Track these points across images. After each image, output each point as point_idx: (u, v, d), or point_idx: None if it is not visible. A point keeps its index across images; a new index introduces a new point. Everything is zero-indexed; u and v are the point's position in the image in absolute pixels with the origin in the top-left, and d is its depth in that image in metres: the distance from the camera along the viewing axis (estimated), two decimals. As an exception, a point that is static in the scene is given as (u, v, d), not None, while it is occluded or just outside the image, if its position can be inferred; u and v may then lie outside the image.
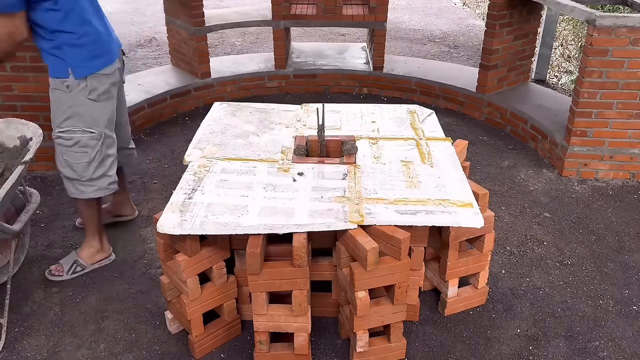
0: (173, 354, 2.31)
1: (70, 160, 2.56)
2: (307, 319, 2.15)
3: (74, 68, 2.43)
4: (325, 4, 4.72)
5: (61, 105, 2.50)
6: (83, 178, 2.58)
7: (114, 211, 3.12)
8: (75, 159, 2.56)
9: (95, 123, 2.54)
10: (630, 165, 3.67)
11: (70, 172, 2.58)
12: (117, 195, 3.05)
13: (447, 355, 2.32)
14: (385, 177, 2.38)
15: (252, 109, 2.98)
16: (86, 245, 2.76)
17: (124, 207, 3.12)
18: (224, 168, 2.42)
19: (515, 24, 4.30)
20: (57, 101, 2.51)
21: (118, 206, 3.11)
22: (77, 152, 2.55)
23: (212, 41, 6.73)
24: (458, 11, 8.67)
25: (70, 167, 2.57)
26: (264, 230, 2.04)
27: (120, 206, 3.11)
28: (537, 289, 2.70)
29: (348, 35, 7.19)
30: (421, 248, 2.29)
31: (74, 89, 2.46)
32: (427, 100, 4.85)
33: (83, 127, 2.52)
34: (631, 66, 3.40)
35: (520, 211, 3.33)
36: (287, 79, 5.03)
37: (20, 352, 2.32)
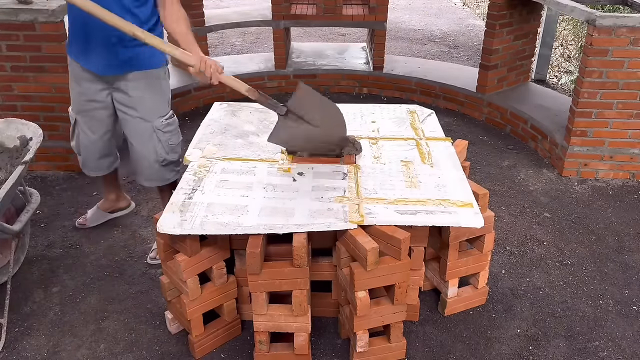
0: (173, 354, 2.31)
1: (175, 142, 2.68)
2: (307, 319, 2.15)
3: (166, 55, 2.53)
4: (325, 4, 4.72)
5: (165, 93, 2.64)
6: (181, 157, 2.68)
7: (110, 207, 3.12)
8: (177, 140, 2.71)
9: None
10: (630, 165, 3.67)
11: (175, 155, 2.70)
12: (112, 192, 3.07)
13: (447, 355, 2.32)
14: (385, 177, 2.38)
15: (252, 109, 2.98)
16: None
17: (118, 201, 3.14)
18: (224, 168, 2.42)
19: (515, 24, 4.30)
20: (162, 90, 2.62)
21: (113, 202, 3.12)
22: (177, 134, 2.70)
23: (212, 41, 6.73)
24: (458, 11, 8.67)
25: (173, 151, 2.69)
26: (264, 230, 2.04)
27: (115, 201, 3.13)
28: (537, 289, 2.70)
29: (348, 35, 7.19)
30: (421, 248, 2.29)
31: (168, 75, 2.66)
32: (427, 100, 4.85)
33: (172, 110, 2.69)
34: (631, 66, 3.40)
35: (520, 211, 3.33)
36: (287, 79, 5.03)
37: (20, 352, 2.32)
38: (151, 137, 2.60)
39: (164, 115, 2.61)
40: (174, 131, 2.67)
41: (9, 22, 3.18)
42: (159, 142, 2.61)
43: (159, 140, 2.61)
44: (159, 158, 2.64)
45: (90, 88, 2.56)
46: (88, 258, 2.86)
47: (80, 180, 3.54)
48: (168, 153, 2.66)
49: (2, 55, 3.30)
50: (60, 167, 3.64)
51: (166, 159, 2.66)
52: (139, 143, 2.62)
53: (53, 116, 3.47)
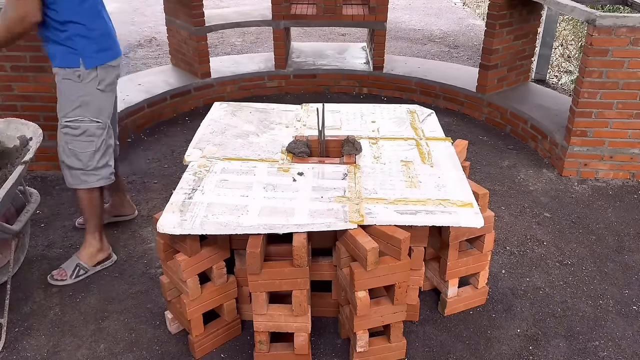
0: (173, 354, 2.31)
1: (77, 149, 2.58)
2: (307, 319, 2.15)
3: (84, 58, 2.48)
4: (325, 4, 4.72)
5: (71, 94, 2.53)
6: (88, 167, 2.61)
7: (114, 211, 3.12)
8: (81, 148, 2.58)
9: (102, 113, 2.60)
10: (630, 165, 3.67)
11: (76, 161, 2.60)
12: (116, 196, 3.07)
13: (447, 355, 2.32)
14: (385, 177, 2.38)
15: (252, 109, 2.98)
16: (86, 246, 2.75)
17: (123, 207, 3.13)
18: (224, 168, 2.42)
19: (515, 23, 4.30)
20: (66, 91, 2.53)
21: (117, 206, 3.11)
22: (83, 142, 2.58)
23: (212, 41, 6.73)
24: (458, 11, 8.67)
25: (75, 157, 2.59)
26: (264, 230, 2.04)
27: (120, 206, 3.12)
28: (537, 288, 2.70)
29: (348, 35, 7.19)
30: (421, 248, 2.29)
31: (85, 78, 2.51)
32: (427, 100, 4.85)
33: (90, 117, 2.57)
34: (631, 66, 3.40)
35: (520, 211, 3.33)
36: (287, 79, 5.03)
37: (20, 352, 2.32)
38: (58, 135, 2.59)
39: (67, 118, 2.54)
40: (79, 137, 2.56)
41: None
42: (60, 141, 2.60)
43: (60, 139, 2.60)
44: (61, 158, 2.63)
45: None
46: (88, 258, 2.86)
47: (80, 180, 3.54)
48: (68, 156, 2.59)
49: (2, 55, 3.30)
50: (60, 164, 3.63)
51: (63, 161, 2.62)
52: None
53: (53, 116, 3.43)
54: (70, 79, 2.50)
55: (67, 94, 2.53)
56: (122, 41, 6.71)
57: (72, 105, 2.53)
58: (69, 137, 2.57)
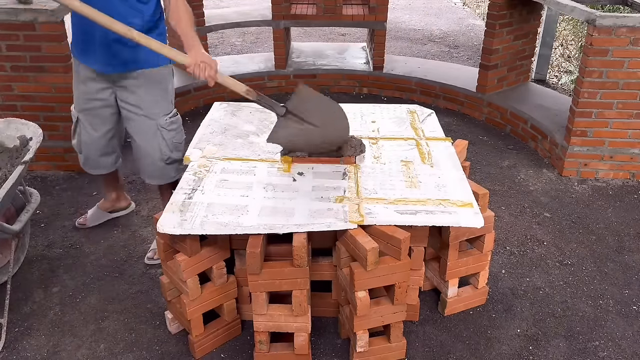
0: (173, 354, 2.31)
1: (178, 141, 2.69)
2: (307, 319, 2.15)
3: None
4: (325, 3, 4.72)
5: (169, 92, 2.64)
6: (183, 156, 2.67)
7: (111, 207, 3.12)
8: (181, 139, 2.71)
9: None
10: (630, 165, 3.67)
11: (178, 153, 2.69)
12: (114, 191, 3.07)
13: (447, 355, 2.32)
14: (385, 177, 2.38)
15: (252, 109, 2.98)
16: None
17: (118, 201, 3.14)
18: (224, 168, 2.42)
19: (515, 23, 4.30)
20: (166, 89, 2.62)
21: (114, 202, 3.12)
22: (181, 132, 2.71)
23: (212, 41, 6.73)
24: (458, 11, 8.67)
25: (177, 149, 2.69)
26: (264, 230, 2.04)
27: (116, 201, 3.13)
28: (537, 289, 2.70)
29: (348, 35, 7.19)
30: (421, 248, 2.29)
31: (172, 73, 2.66)
32: (427, 100, 4.85)
33: (175, 109, 2.69)
34: (631, 66, 3.40)
35: (520, 211, 3.33)
36: (287, 79, 5.03)
37: (20, 352, 2.32)
38: (155, 135, 2.60)
39: (168, 114, 2.61)
40: (178, 129, 2.68)
41: (9, 22, 3.18)
42: (163, 140, 2.62)
43: (163, 139, 2.62)
44: (164, 156, 2.65)
45: (93, 87, 2.57)
46: (88, 258, 2.86)
47: (80, 180, 3.54)
48: (172, 151, 2.66)
49: (2, 55, 3.30)
50: (60, 167, 3.64)
51: (170, 157, 2.67)
52: (143, 141, 2.63)
53: (53, 116, 3.47)
54: (169, 78, 2.61)
55: (167, 91, 2.62)
56: (122, 41, 6.71)
57: (169, 102, 2.64)
58: (174, 133, 2.65)
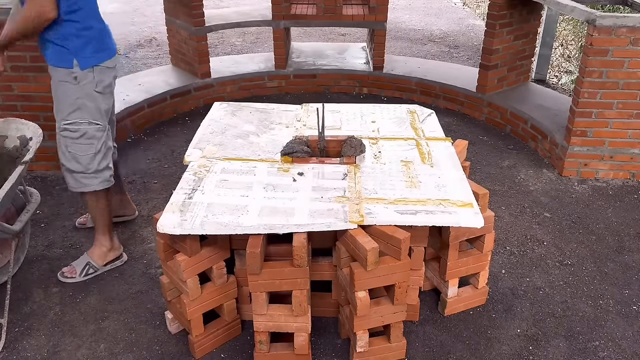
0: (173, 354, 2.31)
1: (77, 152, 2.56)
2: (307, 319, 2.15)
3: (79, 59, 2.45)
4: (325, 4, 4.72)
5: (68, 97, 2.51)
6: (89, 170, 2.59)
7: (114, 212, 3.11)
8: (81, 151, 2.56)
9: (101, 115, 2.57)
10: (630, 165, 3.67)
11: (76, 164, 2.58)
12: (116, 197, 3.06)
13: (447, 355, 2.32)
14: (386, 177, 2.38)
15: (252, 109, 2.98)
16: (97, 245, 2.75)
17: (123, 207, 3.13)
18: (224, 168, 2.42)
19: (515, 23, 4.30)
20: (63, 93, 2.51)
21: (117, 207, 3.11)
22: (83, 144, 2.55)
23: (212, 41, 6.73)
24: (458, 11, 8.67)
25: (75, 160, 2.57)
26: (264, 230, 2.04)
27: (120, 207, 3.11)
28: (537, 289, 2.70)
29: (348, 35, 7.19)
30: (421, 248, 2.29)
31: (81, 80, 2.48)
32: (427, 100, 4.85)
33: (89, 119, 2.54)
34: (631, 66, 3.40)
35: (521, 211, 3.33)
36: (287, 79, 5.03)
37: (21, 352, 2.32)
38: (57, 139, 2.57)
39: (66, 120, 2.52)
40: (78, 140, 2.54)
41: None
42: (59, 144, 2.57)
43: (59, 143, 2.57)
44: (61, 161, 2.61)
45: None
46: (88, 258, 2.86)
47: (80, 180, 3.54)
48: (68, 160, 2.57)
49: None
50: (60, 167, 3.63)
51: (63, 165, 2.60)
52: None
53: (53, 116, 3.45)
54: (67, 82, 2.47)
55: (64, 96, 2.51)
56: (122, 41, 6.72)
57: (70, 108, 2.51)
58: (68, 140, 2.54)
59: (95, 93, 2.53)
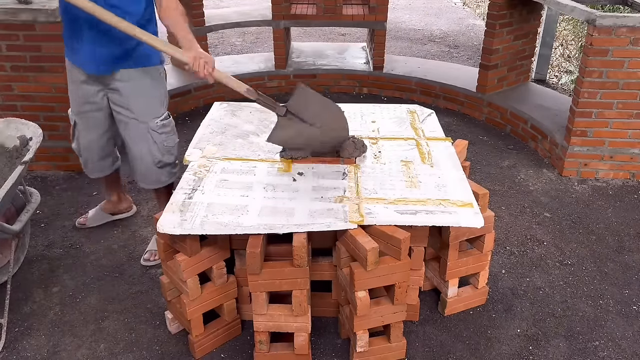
0: (173, 353, 2.31)
1: (170, 144, 2.66)
2: (307, 318, 2.15)
3: (160, 54, 2.54)
4: (325, 3, 4.72)
5: (159, 94, 2.60)
6: (177, 160, 2.70)
7: (113, 209, 3.12)
8: (173, 142, 2.68)
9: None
10: (630, 165, 3.67)
11: (171, 157, 2.68)
12: (115, 194, 3.07)
13: (447, 355, 2.32)
14: (385, 177, 2.38)
15: (252, 109, 2.98)
16: None
17: (120, 204, 3.14)
18: (224, 168, 2.42)
19: (515, 23, 4.30)
20: (156, 91, 2.58)
21: (115, 204, 3.12)
22: (173, 135, 2.68)
23: (212, 41, 6.73)
24: (458, 11, 8.67)
25: (169, 153, 2.67)
26: (264, 230, 2.04)
27: (117, 204, 3.13)
28: (537, 288, 2.70)
29: (348, 35, 7.19)
30: (421, 248, 2.29)
31: (163, 75, 2.62)
32: (427, 100, 4.85)
33: (168, 112, 2.67)
34: (631, 66, 3.40)
35: (521, 211, 3.33)
36: (287, 78, 5.03)
37: (20, 352, 2.32)
38: (146, 139, 2.58)
39: (159, 117, 2.59)
40: (170, 133, 2.64)
41: (9, 22, 3.18)
42: (154, 143, 2.60)
43: (154, 142, 2.59)
44: (155, 160, 2.63)
45: (86, 90, 2.55)
46: (88, 258, 2.86)
47: (80, 180, 3.54)
48: (164, 155, 2.64)
49: (2, 55, 3.30)
50: (60, 167, 3.64)
51: (162, 161, 2.65)
52: (134, 144, 2.61)
53: (53, 116, 3.47)
54: (157, 80, 2.57)
55: (156, 94, 2.58)
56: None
57: (161, 105, 2.61)
58: (164, 136, 2.62)
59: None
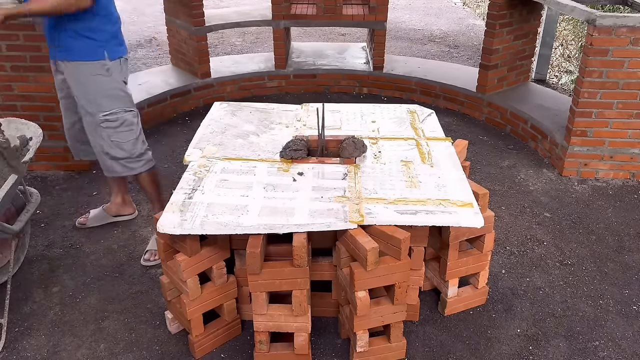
0: (173, 353, 2.31)
1: (120, 140, 2.66)
2: (307, 318, 2.15)
3: (108, 51, 2.53)
4: (325, 3, 4.72)
5: (103, 89, 2.58)
6: (133, 155, 2.70)
7: (116, 211, 3.12)
8: (124, 138, 2.67)
9: (132, 102, 2.71)
10: (630, 165, 3.67)
11: (120, 151, 2.67)
12: (117, 196, 3.07)
13: (447, 355, 2.32)
14: (386, 177, 2.38)
15: (252, 109, 2.98)
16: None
17: (124, 206, 3.14)
18: (224, 168, 2.42)
19: (515, 23, 4.30)
20: (97, 86, 2.57)
21: (119, 206, 3.12)
22: (124, 131, 2.66)
23: (212, 41, 6.73)
24: (458, 11, 8.67)
25: (119, 147, 2.67)
26: (264, 230, 2.04)
27: (121, 206, 3.12)
28: (537, 288, 2.70)
29: (348, 35, 7.19)
30: (421, 248, 2.29)
31: (113, 71, 2.58)
32: (427, 100, 4.85)
33: (124, 107, 2.64)
34: (631, 66, 3.40)
35: (521, 211, 3.33)
36: (287, 78, 5.03)
37: (20, 352, 2.32)
38: (94, 130, 2.63)
39: (103, 111, 2.59)
40: (119, 129, 2.63)
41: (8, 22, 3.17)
42: (101, 137, 2.63)
43: (101, 136, 2.63)
44: (103, 151, 2.67)
45: (56, 77, 2.68)
46: (88, 258, 2.86)
47: (80, 180, 3.54)
48: (112, 148, 2.66)
49: (2, 55, 3.30)
50: (60, 166, 3.64)
51: (110, 154, 2.67)
52: (88, 133, 2.67)
53: (53, 116, 3.47)
54: (100, 74, 2.55)
55: (98, 89, 2.58)
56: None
57: (106, 99, 2.59)
58: (110, 130, 2.63)
59: (123, 82, 2.64)
